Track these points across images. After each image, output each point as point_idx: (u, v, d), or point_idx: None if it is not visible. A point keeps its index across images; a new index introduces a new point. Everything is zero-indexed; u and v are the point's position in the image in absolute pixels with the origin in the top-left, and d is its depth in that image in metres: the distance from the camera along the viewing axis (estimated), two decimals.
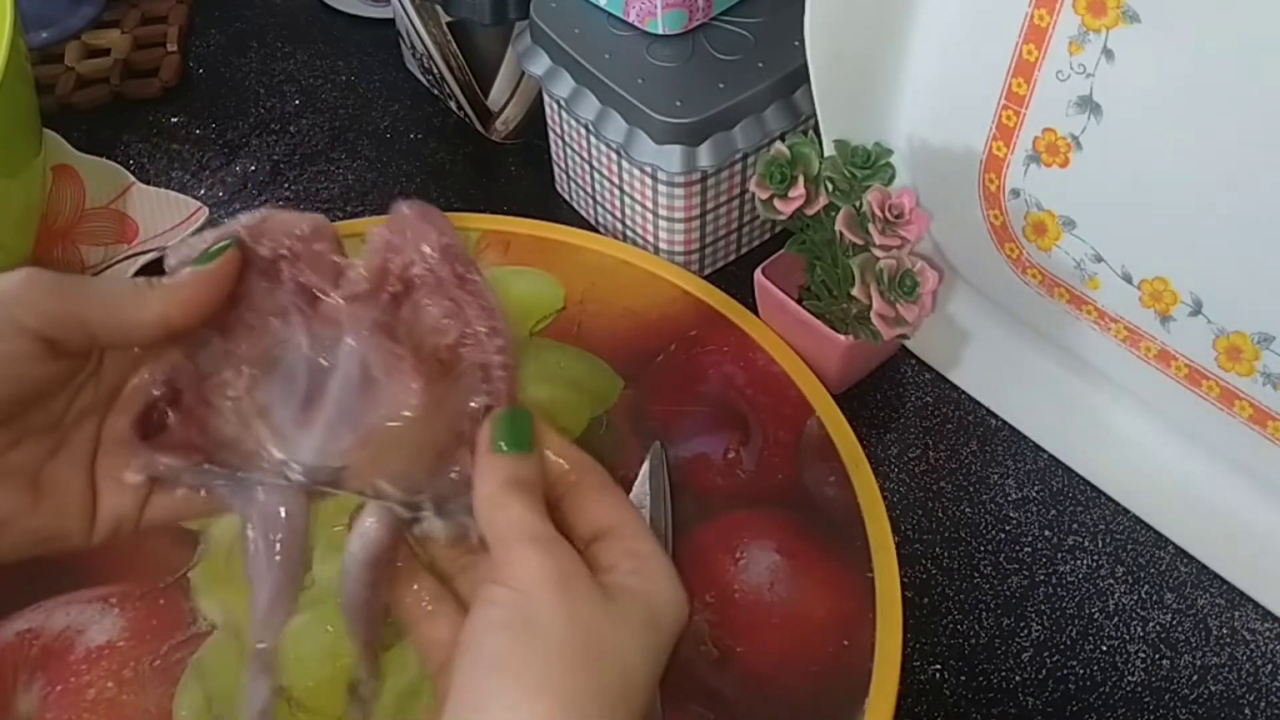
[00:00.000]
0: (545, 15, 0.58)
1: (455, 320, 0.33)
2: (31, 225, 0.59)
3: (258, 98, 0.74)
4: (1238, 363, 0.45)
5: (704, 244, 0.61)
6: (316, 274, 0.33)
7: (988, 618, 0.50)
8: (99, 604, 0.46)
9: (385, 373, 0.32)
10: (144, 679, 0.44)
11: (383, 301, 0.33)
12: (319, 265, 0.33)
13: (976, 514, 0.53)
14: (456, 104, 0.70)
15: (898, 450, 0.56)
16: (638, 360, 0.54)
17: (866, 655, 0.43)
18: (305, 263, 0.33)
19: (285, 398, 0.33)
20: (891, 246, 0.49)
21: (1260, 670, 0.49)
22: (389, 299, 0.33)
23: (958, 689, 0.48)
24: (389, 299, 0.33)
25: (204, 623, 0.45)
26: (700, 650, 0.44)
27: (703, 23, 0.57)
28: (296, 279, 0.33)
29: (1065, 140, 0.45)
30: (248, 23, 0.79)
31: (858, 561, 0.46)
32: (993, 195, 0.50)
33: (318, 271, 0.33)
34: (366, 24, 0.78)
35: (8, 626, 0.45)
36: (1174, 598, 0.51)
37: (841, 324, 0.53)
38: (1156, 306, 0.46)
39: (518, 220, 0.60)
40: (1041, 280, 0.51)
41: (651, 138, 0.54)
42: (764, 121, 0.56)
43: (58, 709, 0.43)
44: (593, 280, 0.57)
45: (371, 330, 0.33)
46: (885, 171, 0.51)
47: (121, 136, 0.71)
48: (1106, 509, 0.54)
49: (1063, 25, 0.42)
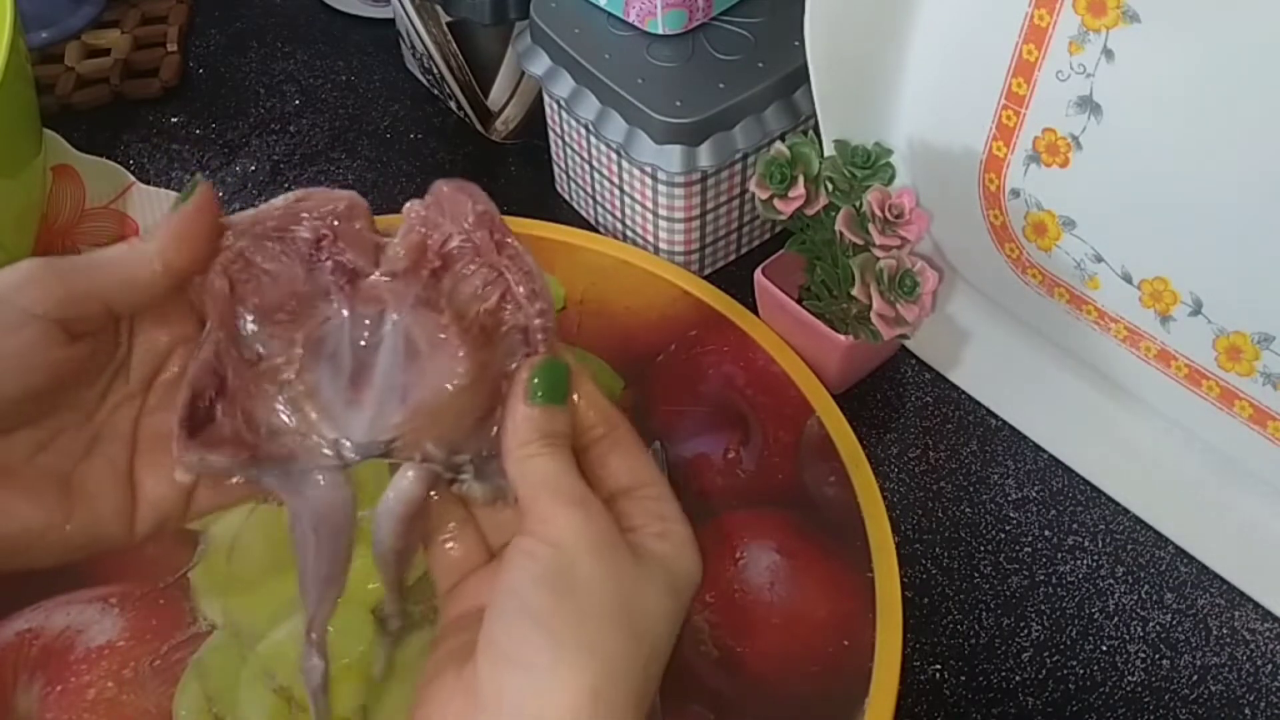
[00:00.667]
0: (545, 15, 0.58)
1: (495, 285, 0.33)
2: (31, 225, 0.59)
3: (258, 98, 0.74)
4: (1238, 363, 0.45)
5: (704, 244, 0.61)
6: (355, 252, 0.33)
7: (988, 618, 0.50)
8: (99, 604, 0.46)
9: (430, 344, 0.32)
10: (144, 679, 0.44)
11: (423, 277, 0.33)
12: (358, 243, 0.33)
13: (976, 514, 0.53)
14: (456, 104, 0.70)
15: (898, 450, 0.56)
16: (638, 360, 0.54)
17: (866, 655, 0.43)
18: (344, 241, 0.33)
19: (333, 377, 0.33)
20: (891, 246, 0.49)
21: (1260, 670, 0.49)
22: (429, 275, 0.33)
23: (958, 689, 0.48)
24: (429, 275, 0.33)
25: (204, 623, 0.45)
26: (700, 650, 0.44)
27: (703, 23, 0.57)
28: (336, 258, 0.33)
29: (1065, 140, 0.45)
30: (248, 23, 0.79)
31: (858, 561, 0.46)
32: (993, 195, 0.50)
33: (356, 250, 0.33)
34: (366, 24, 0.78)
35: (8, 626, 0.45)
36: (1174, 598, 0.51)
37: (841, 324, 0.53)
38: (1156, 306, 0.46)
39: (518, 220, 0.59)
40: (1041, 280, 0.51)
41: (651, 138, 0.54)
42: (764, 121, 0.56)
43: (58, 709, 0.43)
44: (593, 280, 0.57)
45: (414, 304, 0.33)
46: (885, 171, 0.51)
47: (121, 136, 0.71)
48: (1106, 509, 0.54)
49: (1063, 25, 0.42)
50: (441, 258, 0.33)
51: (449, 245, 0.33)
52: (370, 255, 0.33)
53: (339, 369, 0.33)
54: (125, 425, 0.33)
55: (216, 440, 0.32)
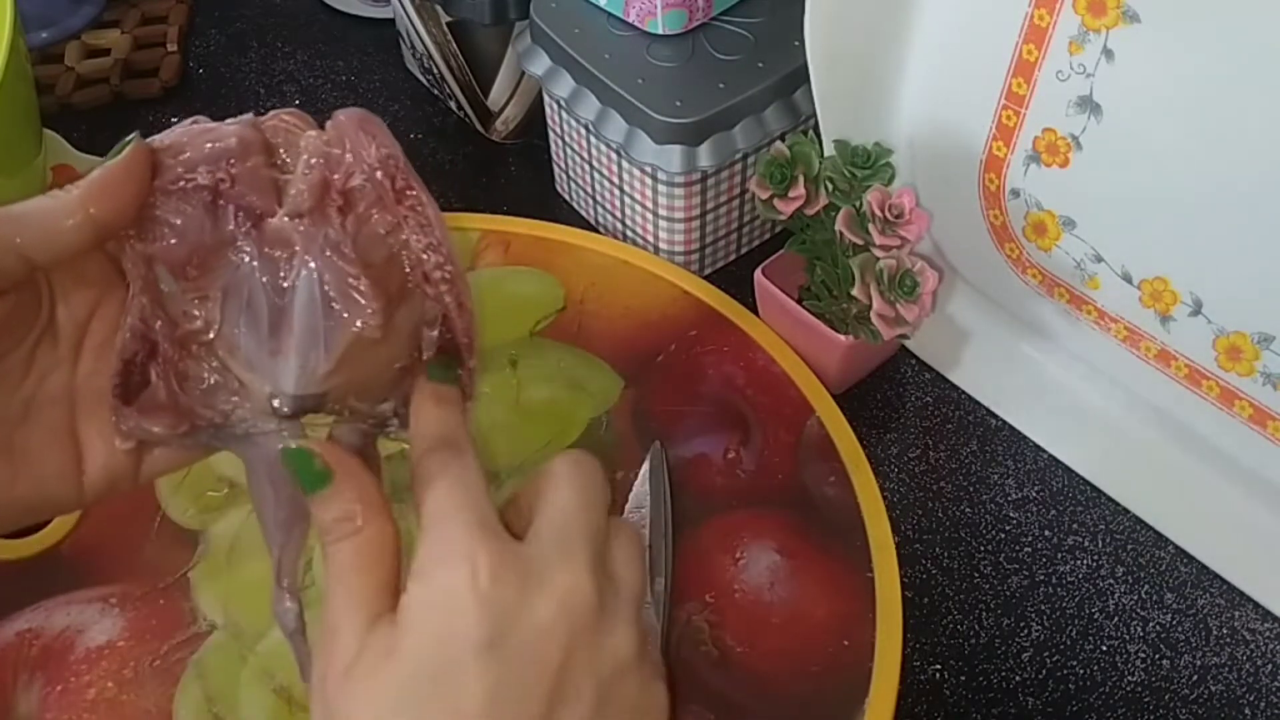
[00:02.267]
0: (545, 15, 0.58)
1: (396, 234, 0.32)
2: None
3: (258, 98, 0.74)
4: (1238, 363, 0.45)
5: (704, 244, 0.61)
6: (256, 194, 0.32)
7: (988, 618, 0.50)
8: (99, 604, 0.46)
9: (340, 293, 0.31)
10: (144, 679, 0.44)
11: (329, 217, 0.32)
12: (257, 184, 0.32)
13: (976, 514, 0.53)
14: (456, 104, 0.70)
15: (898, 450, 0.56)
16: (638, 360, 0.54)
17: (866, 655, 0.43)
18: (243, 184, 0.32)
19: (251, 327, 0.32)
20: (891, 246, 0.49)
21: (1260, 670, 0.49)
22: (335, 213, 0.32)
23: (958, 689, 0.48)
24: (335, 213, 0.32)
25: (204, 623, 0.45)
26: (700, 650, 0.44)
27: (703, 23, 0.57)
28: (238, 201, 0.32)
29: (1065, 140, 0.45)
30: (248, 23, 0.79)
31: (858, 561, 0.46)
32: (993, 195, 0.50)
33: (257, 191, 0.32)
34: (366, 24, 0.78)
35: (8, 626, 0.45)
36: (1174, 598, 0.51)
37: (841, 324, 0.53)
38: (1156, 306, 0.46)
39: (518, 220, 0.60)
40: (1041, 280, 0.51)
41: (651, 138, 0.54)
42: (764, 121, 0.56)
43: (58, 709, 0.43)
44: (593, 280, 0.57)
45: (323, 246, 0.32)
46: (885, 171, 0.51)
47: (121, 137, 0.71)
48: (1106, 509, 0.54)
49: (1063, 25, 0.42)
50: (343, 195, 0.32)
51: (351, 183, 0.32)
52: (272, 194, 0.32)
53: (257, 318, 0.32)
54: (59, 389, 0.32)
55: (152, 407, 0.32)
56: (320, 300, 0.31)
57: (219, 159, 0.32)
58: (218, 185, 0.32)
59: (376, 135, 0.32)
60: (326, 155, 0.32)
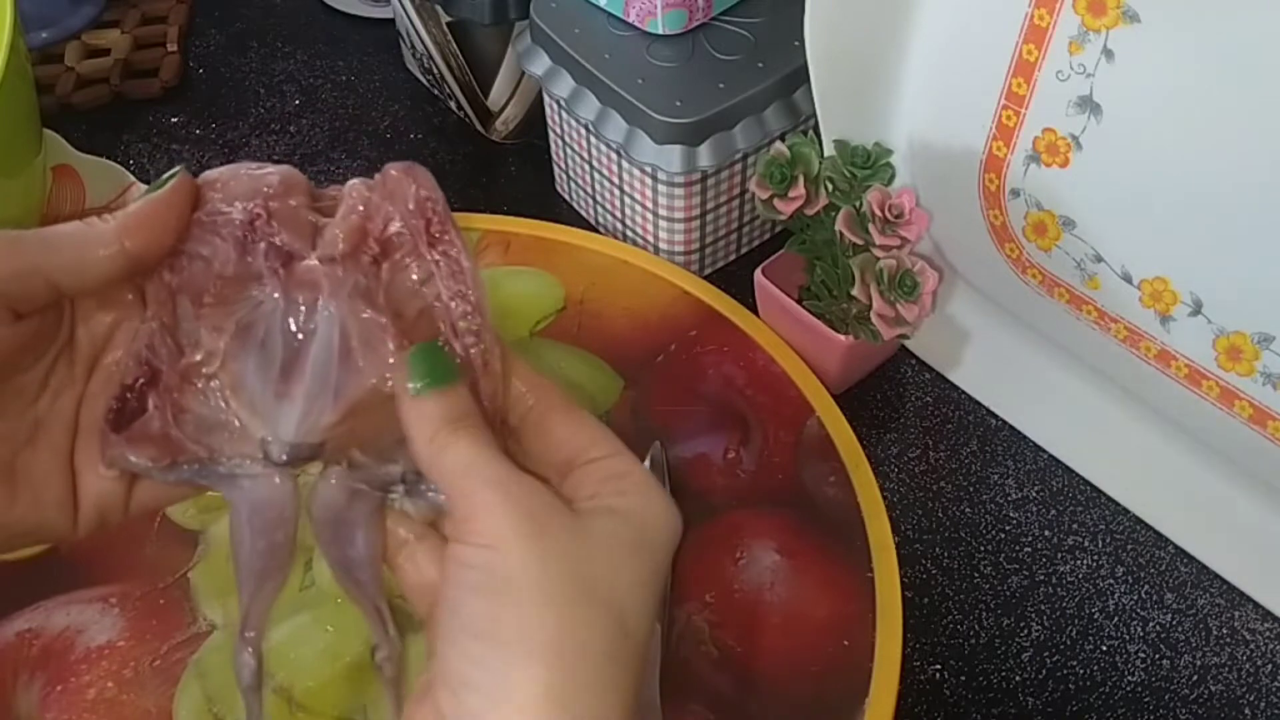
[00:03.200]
0: (545, 15, 0.58)
1: (428, 286, 0.31)
2: (32, 225, 0.59)
3: (258, 98, 0.74)
4: (1238, 363, 0.45)
5: (704, 244, 0.61)
6: (291, 234, 0.31)
7: (988, 618, 0.50)
8: (99, 604, 0.46)
9: (364, 341, 0.31)
10: (144, 679, 0.44)
11: (363, 264, 0.31)
12: (294, 224, 0.31)
13: (976, 514, 0.53)
14: (456, 104, 0.70)
15: (898, 450, 0.56)
16: (638, 360, 0.54)
17: (866, 655, 0.43)
18: (279, 221, 0.31)
19: (262, 368, 0.31)
20: (891, 246, 0.49)
21: (1260, 670, 0.49)
22: (369, 261, 0.31)
23: (958, 689, 0.48)
24: (369, 261, 0.31)
25: (204, 623, 0.45)
26: (700, 650, 0.44)
27: (703, 23, 0.57)
28: (271, 240, 0.31)
29: (1065, 140, 0.45)
30: (248, 23, 0.79)
31: (858, 561, 0.46)
32: (993, 195, 0.50)
33: (292, 231, 0.31)
34: (366, 24, 0.78)
35: (8, 626, 0.45)
36: (1174, 598, 0.51)
37: (841, 324, 0.53)
38: (1156, 306, 0.46)
39: (518, 220, 0.60)
40: (1041, 280, 0.51)
41: (651, 138, 0.54)
42: (764, 121, 0.56)
43: (58, 709, 0.43)
44: (593, 280, 0.57)
45: (352, 294, 0.31)
46: (885, 171, 0.51)
47: (121, 136, 0.71)
48: (1106, 509, 0.54)
49: (1063, 25, 0.42)
50: (380, 244, 0.31)
51: (388, 231, 0.31)
52: (307, 236, 0.31)
53: (269, 358, 0.31)
54: (68, 411, 0.31)
55: (142, 437, 0.31)
56: (337, 348, 0.31)
57: (258, 193, 0.31)
58: (253, 220, 0.31)
59: (419, 179, 0.32)
60: (367, 202, 0.31)
